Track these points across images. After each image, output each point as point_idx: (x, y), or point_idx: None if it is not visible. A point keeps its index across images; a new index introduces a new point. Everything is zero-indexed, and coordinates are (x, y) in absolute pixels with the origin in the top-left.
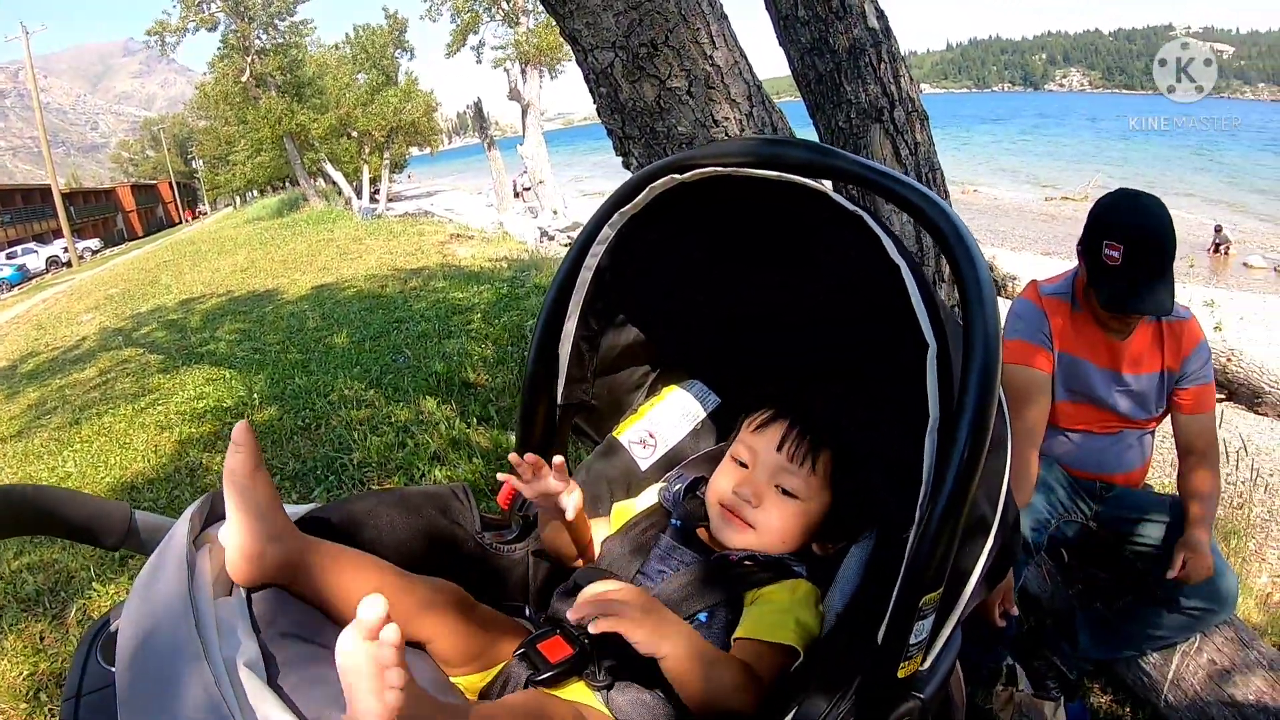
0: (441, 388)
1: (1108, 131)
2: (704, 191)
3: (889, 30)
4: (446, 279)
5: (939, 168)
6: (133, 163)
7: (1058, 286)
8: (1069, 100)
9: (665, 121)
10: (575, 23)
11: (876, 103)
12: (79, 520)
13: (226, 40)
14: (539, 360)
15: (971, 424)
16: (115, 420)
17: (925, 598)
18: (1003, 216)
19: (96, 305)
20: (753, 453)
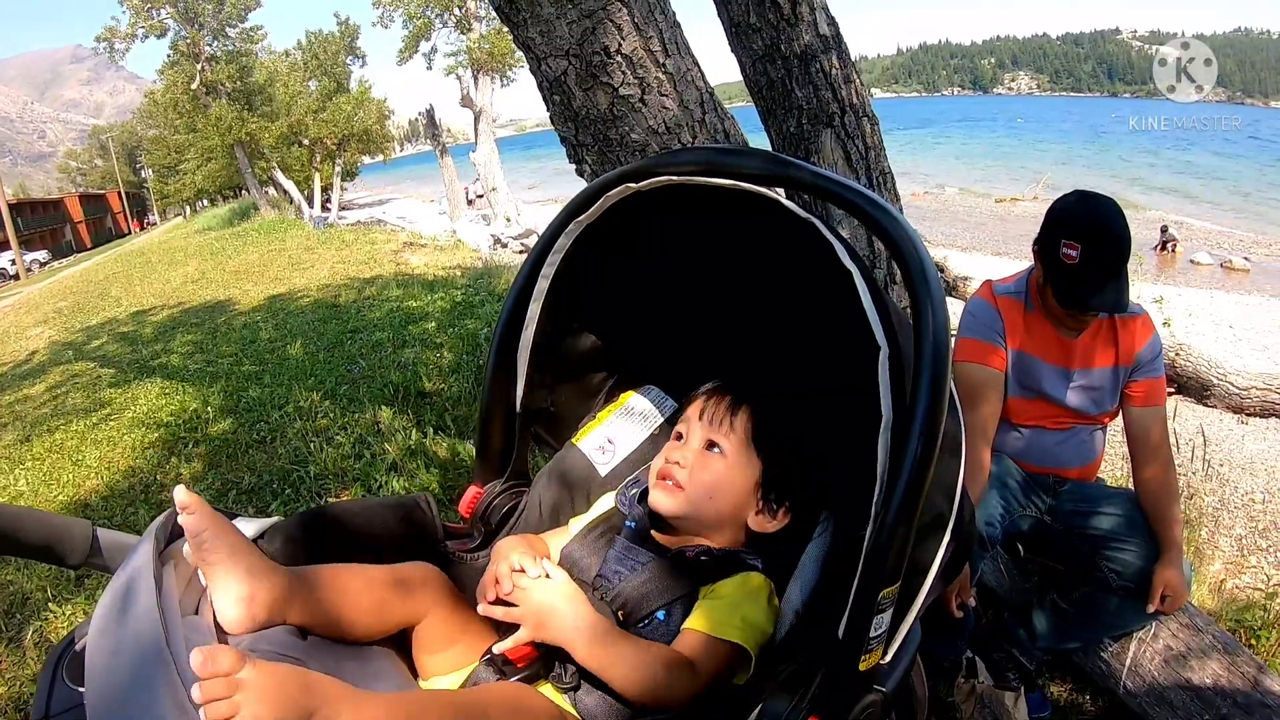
0: (398, 397)
1: (1058, 134)
2: (659, 200)
3: (840, 37)
4: (400, 288)
5: (889, 172)
6: (81, 172)
7: (1011, 286)
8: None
9: (618, 129)
10: (529, 31)
11: (827, 108)
12: (39, 539)
13: (176, 47)
14: (498, 368)
15: (923, 424)
16: (67, 436)
17: (883, 592)
18: (953, 219)
19: (45, 319)
20: (687, 423)
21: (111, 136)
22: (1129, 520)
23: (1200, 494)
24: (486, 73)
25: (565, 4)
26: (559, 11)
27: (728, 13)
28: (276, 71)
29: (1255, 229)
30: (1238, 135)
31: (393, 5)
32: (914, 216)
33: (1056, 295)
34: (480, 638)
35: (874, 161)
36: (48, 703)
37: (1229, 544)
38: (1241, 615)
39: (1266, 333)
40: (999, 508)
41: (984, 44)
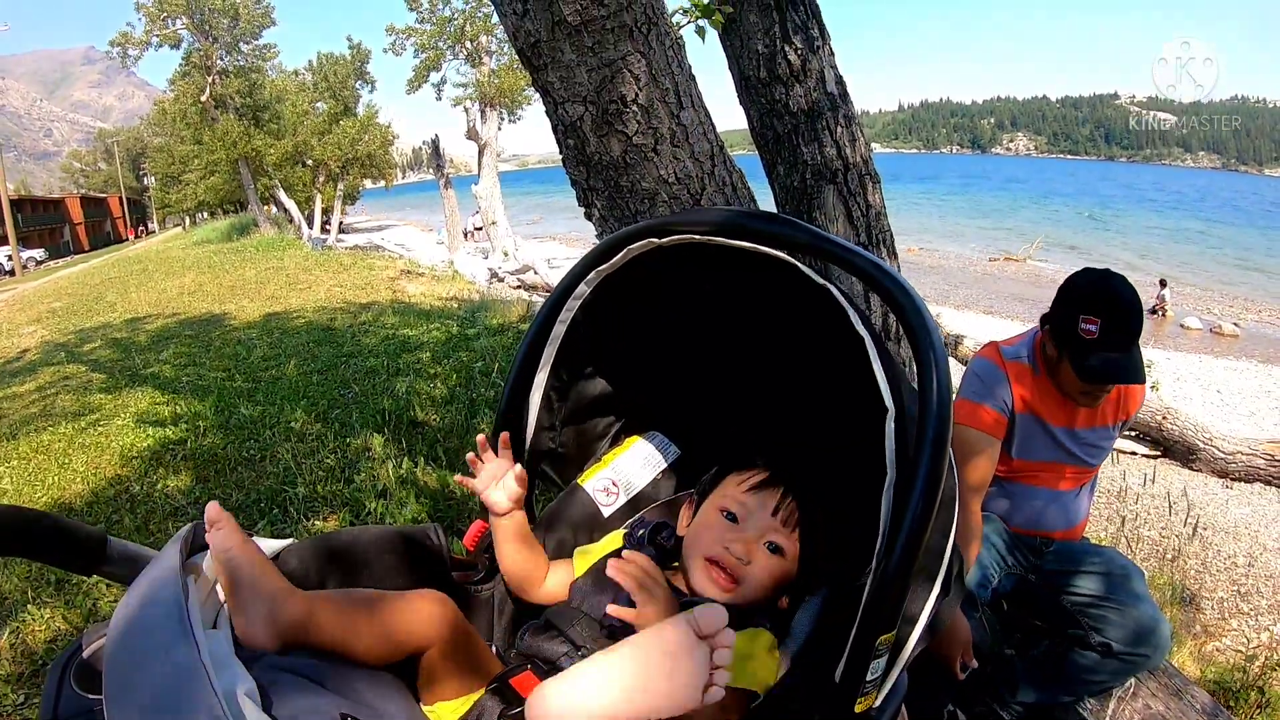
0: (390, 425)
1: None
2: (679, 254)
3: (846, 95)
4: (396, 315)
5: (889, 229)
6: (84, 174)
7: (1018, 349)
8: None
9: (629, 176)
10: (549, 75)
11: (831, 165)
12: (53, 542)
13: (189, 58)
14: (510, 407)
15: (925, 482)
16: (54, 438)
17: (881, 638)
18: (947, 275)
19: (39, 318)
20: (745, 510)
21: (117, 141)
22: (1110, 580)
23: (1184, 556)
24: (494, 107)
25: (586, 51)
26: (579, 58)
27: (738, 67)
28: (285, 90)
29: (1246, 295)
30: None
31: (405, 34)
32: (908, 272)
33: (1078, 370)
34: (484, 667)
35: (874, 220)
36: (55, 709)
37: (1210, 607)
38: (1222, 677)
39: (1254, 398)
40: (988, 567)
41: (984, 104)
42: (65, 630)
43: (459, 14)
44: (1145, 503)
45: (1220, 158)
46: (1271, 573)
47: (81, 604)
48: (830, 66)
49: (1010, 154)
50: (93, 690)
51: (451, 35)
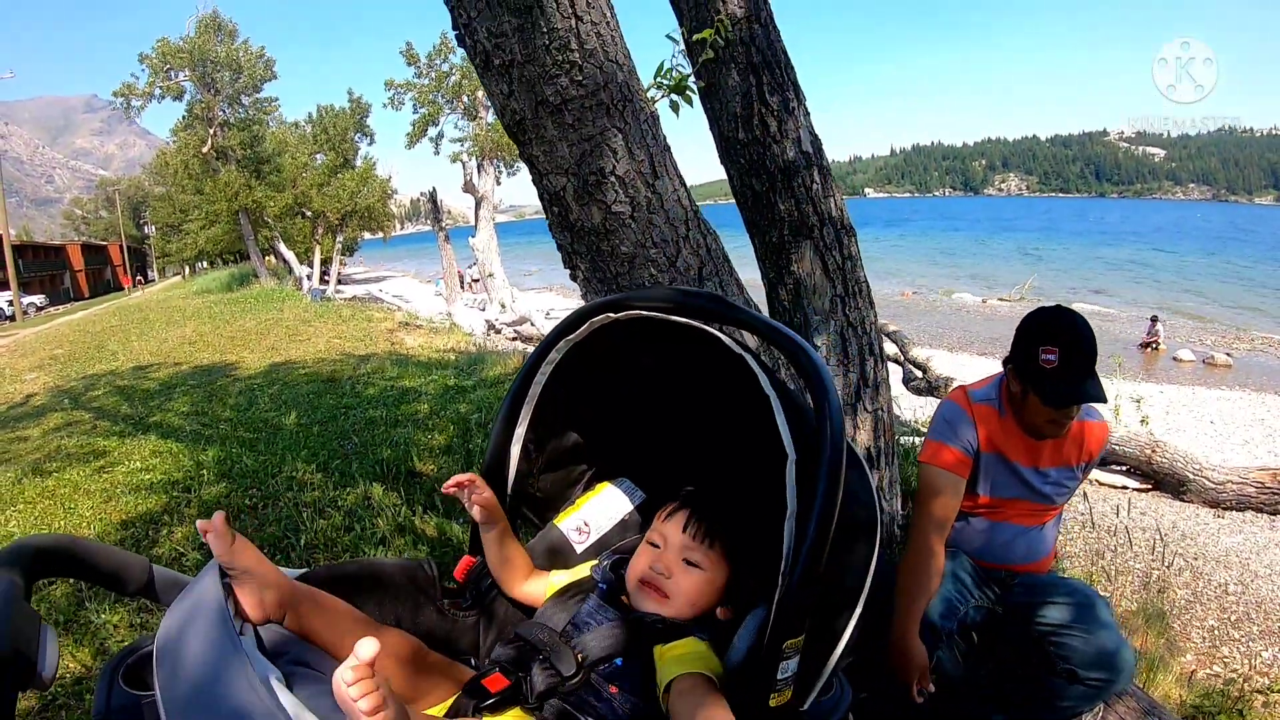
0: (389, 475)
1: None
2: (629, 327)
3: (821, 153)
4: (395, 367)
5: (865, 280)
6: (85, 221)
7: (985, 392)
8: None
9: (609, 241)
10: (534, 149)
11: (808, 221)
12: (107, 568)
13: (191, 109)
14: (495, 457)
15: (820, 513)
16: (60, 483)
17: (788, 641)
18: (942, 318)
19: (41, 364)
20: (663, 536)
21: (119, 189)
22: (1076, 609)
23: (1173, 587)
24: (491, 161)
25: (567, 128)
26: (561, 134)
27: (718, 128)
28: (286, 142)
29: (1238, 325)
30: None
31: (404, 89)
32: (901, 315)
33: (1043, 397)
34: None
35: (850, 271)
36: (107, 702)
37: (1200, 635)
38: (1201, 702)
39: (1247, 426)
40: (954, 600)
41: (975, 146)
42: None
43: (456, 69)
44: (1134, 535)
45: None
46: (1262, 599)
47: (89, 643)
48: (805, 126)
49: (1002, 194)
50: (139, 688)
51: (449, 90)
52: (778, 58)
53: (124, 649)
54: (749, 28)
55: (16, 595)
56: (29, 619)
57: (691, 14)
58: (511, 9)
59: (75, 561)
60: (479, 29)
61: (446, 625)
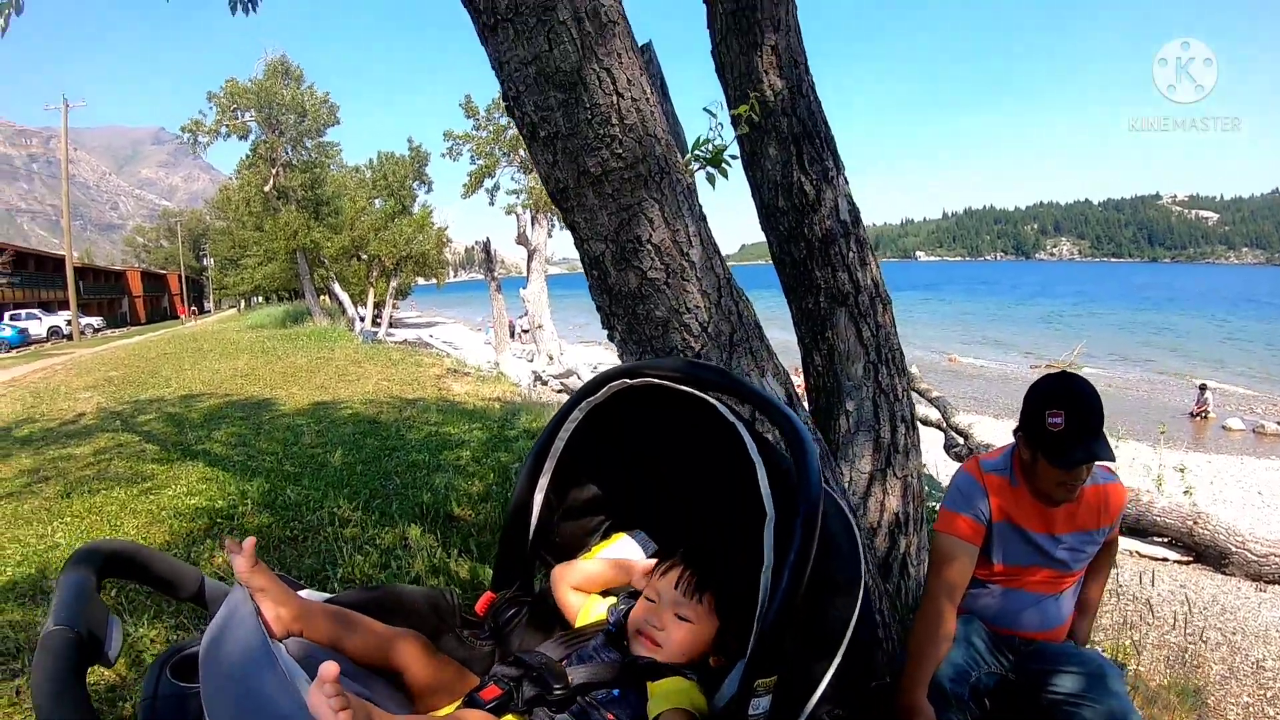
0: (427, 517)
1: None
2: (642, 397)
3: (859, 222)
4: (440, 413)
5: (898, 348)
6: (145, 249)
7: (997, 463)
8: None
9: (645, 306)
10: (576, 216)
11: (843, 289)
12: (164, 574)
13: (256, 149)
14: (519, 506)
15: (792, 567)
16: (107, 501)
17: (759, 681)
18: (988, 384)
19: (95, 385)
20: (657, 591)
21: (181, 221)
22: (1088, 679)
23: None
24: (544, 214)
25: (607, 197)
26: (601, 203)
27: (759, 195)
28: (345, 185)
29: None
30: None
31: (463, 140)
32: (947, 381)
33: (1051, 459)
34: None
35: (883, 340)
36: (155, 689)
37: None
38: None
39: None
40: (965, 665)
41: (1027, 210)
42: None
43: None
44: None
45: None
46: None
47: (126, 654)
48: (844, 195)
49: (1054, 259)
50: (185, 680)
51: (506, 144)
52: (818, 128)
53: (173, 645)
54: (790, 98)
55: (90, 588)
56: (99, 608)
57: (735, 84)
58: (557, 85)
59: (138, 566)
60: (526, 102)
61: (463, 652)
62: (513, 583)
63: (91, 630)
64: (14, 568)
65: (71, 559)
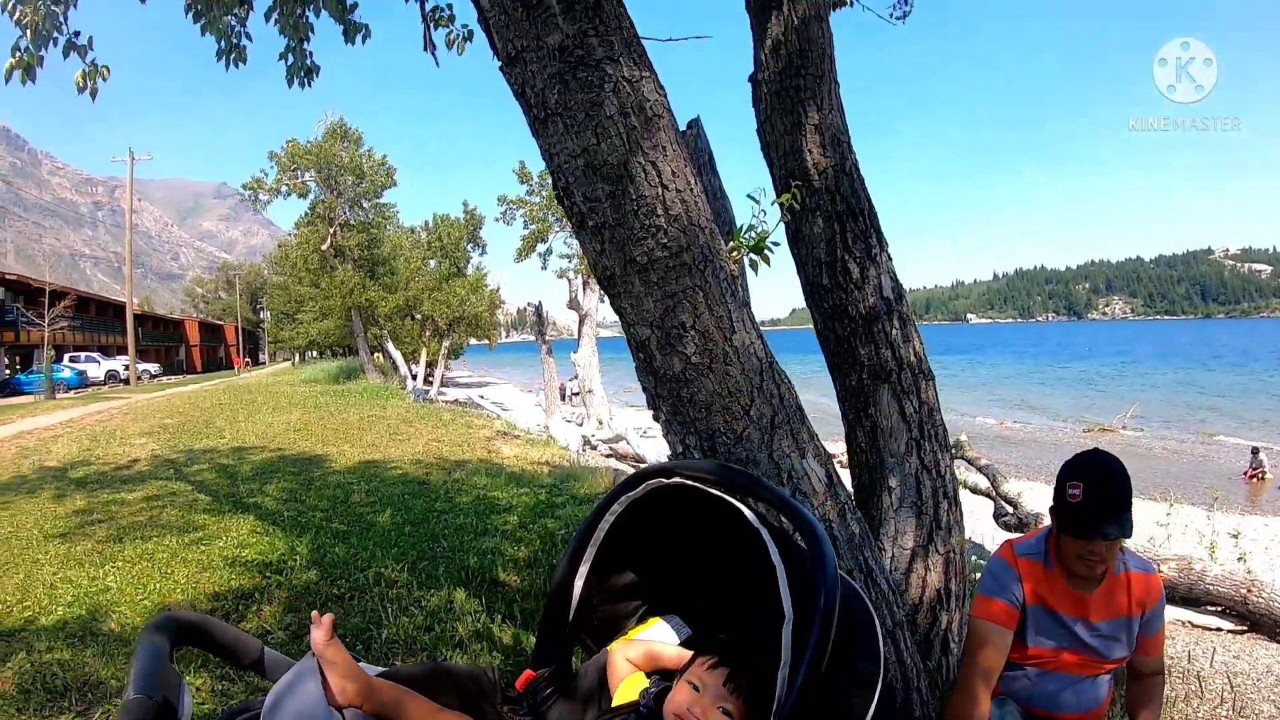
0: (472, 582)
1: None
2: (675, 496)
3: (903, 299)
4: (489, 476)
5: (941, 424)
6: (204, 299)
7: (1031, 546)
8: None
9: (689, 389)
10: (622, 302)
11: (886, 366)
12: (228, 643)
13: (314, 208)
14: (560, 588)
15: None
16: (158, 548)
17: None
18: (1040, 449)
19: (150, 431)
20: (704, 683)
21: (239, 274)
22: None
23: None
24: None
25: (652, 285)
26: (647, 290)
27: (804, 273)
28: (401, 246)
29: None
30: None
31: (516, 205)
32: (999, 446)
33: (1068, 530)
34: None
35: (926, 416)
36: None
37: None
38: None
39: None
40: None
41: (1078, 269)
42: None
43: None
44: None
45: None
46: None
47: None
48: (887, 273)
49: (1106, 318)
50: None
51: (558, 210)
52: (861, 205)
53: (237, 704)
54: (834, 176)
55: (164, 656)
56: (173, 675)
57: (780, 162)
58: (605, 177)
59: (207, 636)
60: (576, 192)
61: None
62: (552, 661)
63: (166, 696)
64: (65, 608)
65: (148, 627)
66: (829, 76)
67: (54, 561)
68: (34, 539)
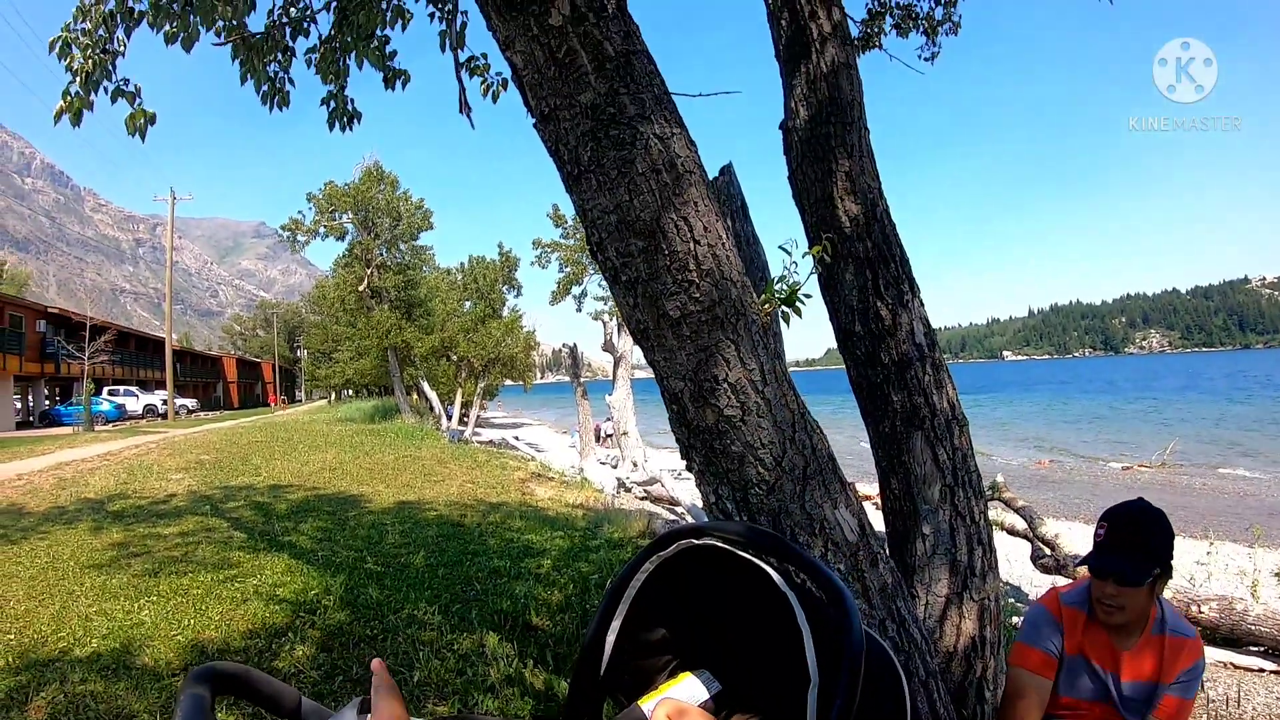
0: (506, 625)
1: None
2: (704, 556)
3: (935, 345)
4: (523, 519)
5: (975, 470)
6: (242, 337)
7: (1075, 596)
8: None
9: (722, 441)
10: (656, 355)
11: (919, 412)
12: (268, 693)
13: (352, 249)
14: (592, 643)
15: None
16: (193, 584)
17: None
18: (1080, 488)
19: (187, 467)
20: None
21: (277, 313)
22: None
23: None
24: None
25: (685, 339)
26: (680, 344)
27: (837, 321)
28: (437, 288)
29: None
30: None
31: (551, 248)
32: (1037, 486)
33: (1090, 569)
34: None
35: (960, 463)
36: None
37: None
38: None
39: None
40: None
41: (1114, 303)
42: None
43: None
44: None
45: None
46: None
47: None
48: (919, 319)
49: (1144, 352)
50: None
51: None
52: (893, 251)
53: None
54: (865, 223)
55: (205, 707)
56: None
57: (811, 209)
58: (637, 233)
59: (247, 685)
60: (609, 248)
61: None
62: (582, 716)
63: None
64: (99, 640)
65: (190, 678)
66: (858, 124)
67: (90, 594)
68: (70, 570)
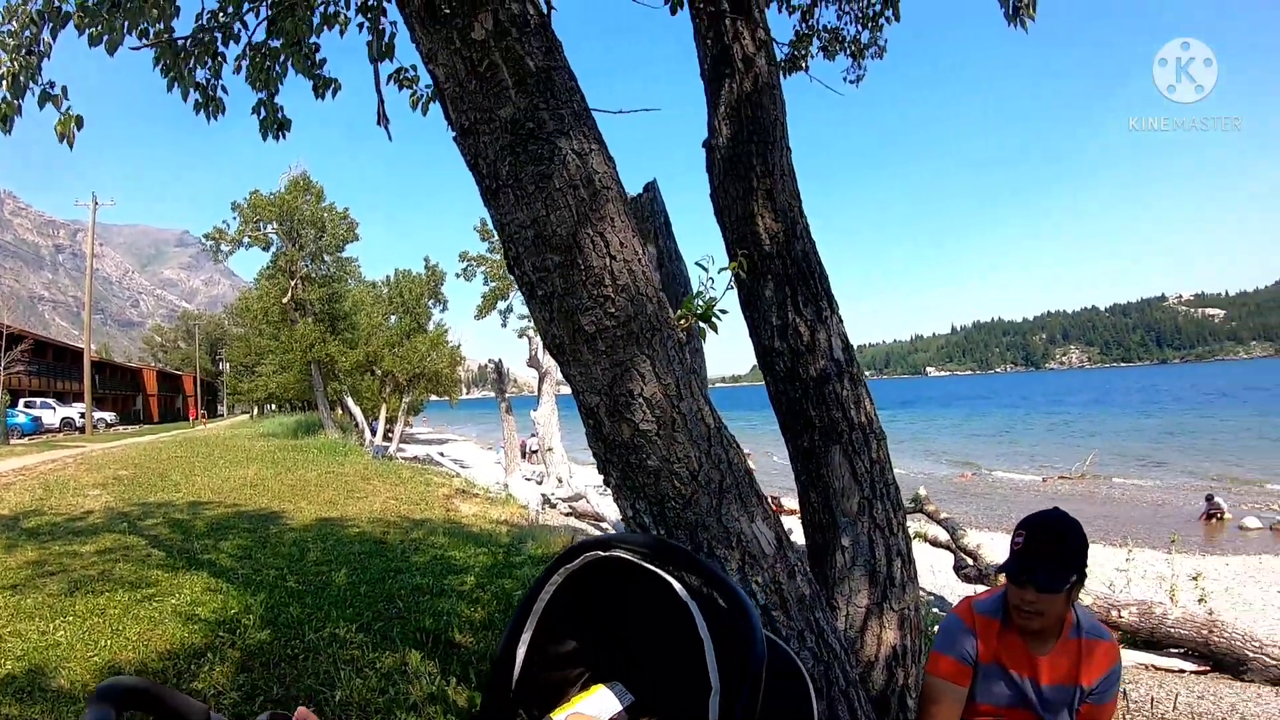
0: (428, 643)
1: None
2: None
3: (853, 361)
4: (447, 536)
5: (893, 483)
6: (163, 348)
7: (989, 604)
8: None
9: (638, 456)
10: (572, 370)
11: (838, 427)
12: (173, 707)
13: (276, 260)
14: (502, 657)
15: None
16: (111, 603)
17: None
18: (1002, 499)
19: (104, 483)
20: None
21: (199, 324)
22: None
23: None
24: None
25: (600, 354)
26: (595, 359)
27: (757, 338)
28: (362, 301)
29: None
30: None
31: (477, 262)
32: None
33: (1007, 575)
34: None
35: (878, 475)
36: None
37: None
38: None
39: None
40: None
41: (1035, 320)
42: None
43: None
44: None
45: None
46: None
47: None
48: (837, 335)
49: (1064, 368)
50: None
51: None
52: (812, 269)
53: None
54: (785, 240)
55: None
56: None
57: (733, 227)
58: (554, 248)
59: (153, 700)
60: (525, 262)
61: None
62: None
63: None
64: (13, 662)
65: (95, 695)
66: (780, 143)
67: (3, 614)
68: None
